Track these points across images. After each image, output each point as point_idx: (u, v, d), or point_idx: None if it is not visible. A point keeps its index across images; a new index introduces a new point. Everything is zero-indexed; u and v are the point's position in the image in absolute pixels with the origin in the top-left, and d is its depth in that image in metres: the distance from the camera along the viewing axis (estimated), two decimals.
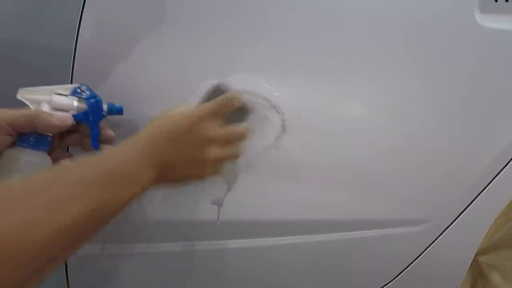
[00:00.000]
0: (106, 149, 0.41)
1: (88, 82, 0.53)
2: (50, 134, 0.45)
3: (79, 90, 0.48)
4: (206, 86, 0.56)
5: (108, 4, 0.54)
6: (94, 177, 0.36)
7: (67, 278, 0.61)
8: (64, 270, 0.61)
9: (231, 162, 0.55)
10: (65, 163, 0.37)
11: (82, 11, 0.53)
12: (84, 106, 0.48)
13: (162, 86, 0.57)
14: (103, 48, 0.54)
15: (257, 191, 0.63)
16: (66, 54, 0.53)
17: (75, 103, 0.47)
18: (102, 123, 0.50)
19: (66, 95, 0.47)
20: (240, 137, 0.52)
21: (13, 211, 0.30)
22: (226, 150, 0.49)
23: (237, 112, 0.53)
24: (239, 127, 0.53)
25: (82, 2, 0.53)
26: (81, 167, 0.37)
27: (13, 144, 0.43)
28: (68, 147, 0.53)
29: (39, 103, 0.46)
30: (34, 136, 0.44)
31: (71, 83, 0.53)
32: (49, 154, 0.46)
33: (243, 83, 0.58)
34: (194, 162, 0.47)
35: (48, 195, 0.33)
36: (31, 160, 0.44)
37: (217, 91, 0.54)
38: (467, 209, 0.73)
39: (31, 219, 0.30)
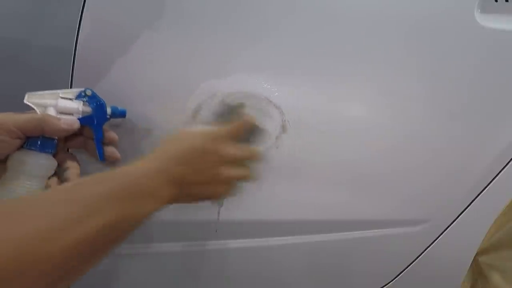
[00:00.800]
0: (125, 166, 0.42)
1: (88, 82, 0.54)
2: (56, 137, 0.47)
3: (84, 94, 0.49)
4: (207, 86, 0.57)
5: (108, 4, 0.54)
6: (112, 193, 0.37)
7: None
8: None
9: None
10: (85, 177, 0.38)
11: (82, 11, 0.53)
12: (88, 109, 0.49)
13: (162, 86, 0.57)
14: (103, 48, 0.55)
15: (257, 191, 0.63)
16: (66, 54, 0.53)
17: (80, 107, 0.48)
18: (105, 125, 0.51)
19: (71, 99, 0.48)
20: (254, 158, 0.54)
21: (34, 222, 0.31)
22: (241, 171, 0.51)
23: (250, 133, 0.56)
24: (253, 148, 0.56)
25: (82, 2, 0.53)
26: (100, 182, 0.38)
27: (20, 147, 0.45)
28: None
29: (45, 107, 0.47)
30: (41, 139, 0.45)
31: (71, 82, 0.54)
32: (54, 156, 0.47)
33: (243, 83, 0.58)
34: (210, 181, 0.48)
35: (68, 208, 0.33)
36: (38, 162, 0.45)
37: (228, 110, 0.57)
38: (467, 209, 0.73)
39: (51, 230, 0.31)
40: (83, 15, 0.53)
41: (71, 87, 0.54)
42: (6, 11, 0.52)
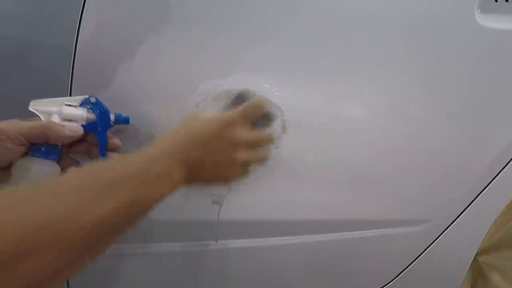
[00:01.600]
0: (141, 149, 0.43)
1: (88, 82, 0.54)
2: (60, 144, 0.47)
3: (88, 101, 0.50)
4: (207, 87, 0.57)
5: (108, 4, 0.54)
6: (128, 174, 0.38)
7: None
8: None
9: None
10: (103, 162, 0.40)
11: (82, 11, 0.53)
12: (92, 116, 0.50)
13: (162, 86, 0.57)
14: (103, 47, 0.55)
15: (257, 191, 0.63)
16: (66, 53, 0.53)
17: (84, 114, 0.49)
18: (108, 132, 0.51)
19: (75, 106, 0.49)
20: (266, 141, 0.55)
21: (57, 203, 0.32)
22: (253, 153, 0.52)
23: (262, 117, 0.57)
24: (266, 132, 0.57)
25: (82, 2, 0.53)
26: (117, 165, 0.39)
27: (24, 154, 0.45)
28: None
29: (49, 114, 0.47)
30: (45, 146, 0.46)
31: (71, 82, 0.54)
32: (57, 162, 0.47)
33: (243, 84, 0.58)
34: (224, 164, 0.49)
35: (88, 190, 0.35)
36: (43, 169, 0.45)
37: (243, 97, 0.57)
38: (467, 209, 0.73)
39: (70, 211, 0.32)
40: (83, 15, 0.53)
41: (71, 87, 0.54)
42: (6, 11, 0.52)
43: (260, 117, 0.56)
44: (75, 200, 0.33)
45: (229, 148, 0.49)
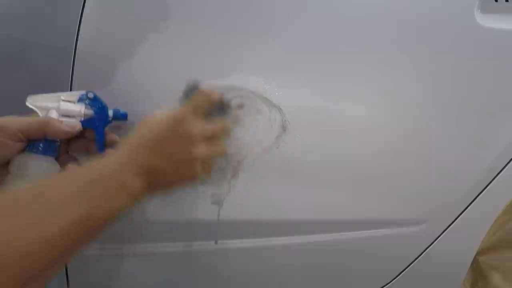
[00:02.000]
0: (92, 161, 0.41)
1: (88, 82, 0.53)
2: (58, 140, 0.47)
3: (85, 97, 0.49)
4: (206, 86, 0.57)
5: (108, 4, 0.54)
6: (78, 190, 0.37)
7: (67, 278, 0.61)
8: (64, 270, 0.61)
9: (228, 158, 0.58)
10: (55, 175, 0.38)
11: (82, 11, 0.53)
12: (90, 112, 0.49)
13: (162, 86, 0.57)
14: (103, 47, 0.55)
15: (257, 191, 0.63)
16: (66, 53, 0.53)
17: (82, 110, 0.49)
18: (107, 128, 0.51)
19: (73, 102, 0.49)
20: (224, 132, 0.52)
21: (0, 222, 0.31)
22: (212, 147, 0.50)
23: (217, 107, 0.54)
24: (221, 122, 0.53)
25: (82, 2, 0.53)
26: (67, 179, 0.38)
27: (23, 150, 0.45)
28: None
29: (47, 110, 0.47)
30: (43, 142, 0.45)
31: (71, 82, 0.54)
32: (56, 158, 0.47)
33: (243, 84, 0.58)
34: (183, 163, 0.46)
35: (34, 208, 0.33)
36: (41, 165, 0.45)
37: (193, 89, 0.55)
38: (467, 209, 0.73)
39: (17, 231, 0.31)
40: (83, 15, 0.53)
41: (71, 87, 0.54)
42: (6, 10, 0.52)
43: (215, 107, 0.54)
44: (22, 222, 0.31)
45: (186, 147, 0.46)
